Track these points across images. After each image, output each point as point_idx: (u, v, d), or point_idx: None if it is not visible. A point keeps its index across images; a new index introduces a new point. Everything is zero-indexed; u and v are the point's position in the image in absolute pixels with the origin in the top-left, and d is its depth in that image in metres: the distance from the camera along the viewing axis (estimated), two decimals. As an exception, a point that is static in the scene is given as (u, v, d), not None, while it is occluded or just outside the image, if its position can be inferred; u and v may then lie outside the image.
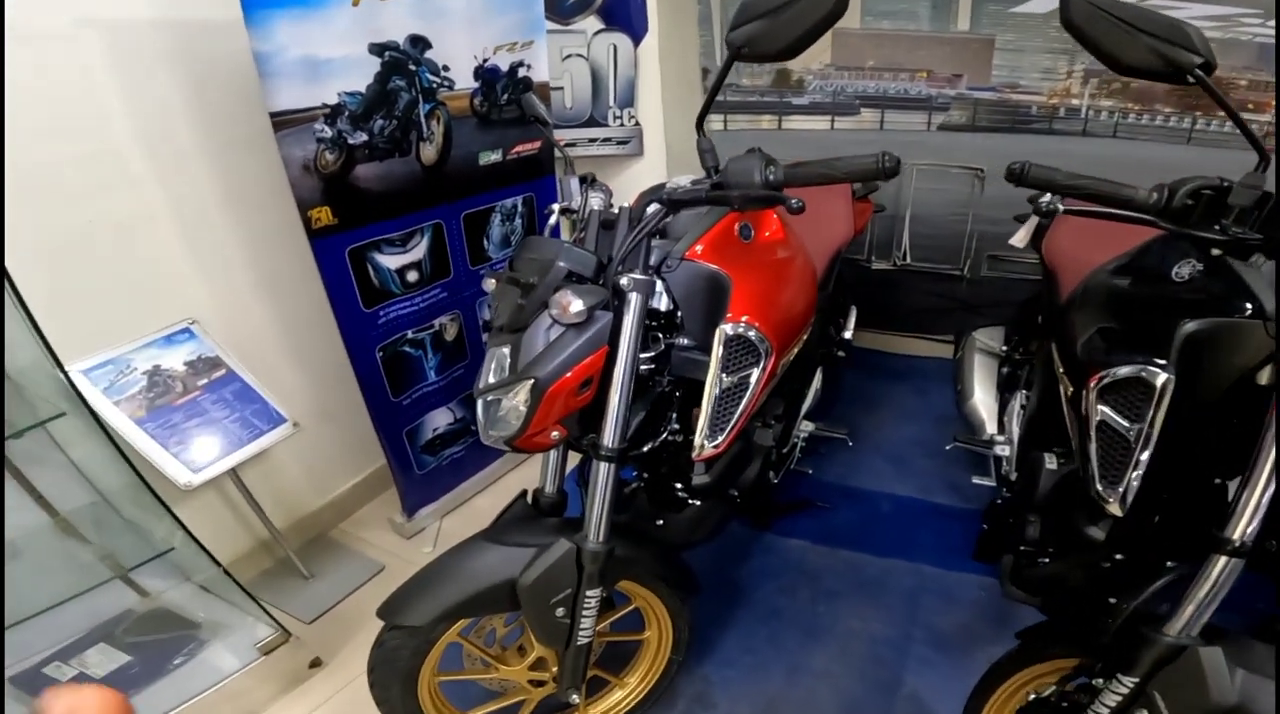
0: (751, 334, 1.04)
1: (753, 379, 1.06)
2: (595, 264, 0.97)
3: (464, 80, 1.75)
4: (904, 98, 2.32)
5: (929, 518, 1.90)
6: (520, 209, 2.06)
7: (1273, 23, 1.81)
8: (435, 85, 1.69)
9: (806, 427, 1.82)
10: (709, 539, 1.42)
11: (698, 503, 1.38)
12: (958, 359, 1.94)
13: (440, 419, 2.04)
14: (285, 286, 1.86)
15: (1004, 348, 1.89)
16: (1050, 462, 1.34)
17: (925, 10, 2.15)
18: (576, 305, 0.89)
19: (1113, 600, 1.18)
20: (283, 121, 1.42)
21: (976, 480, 1.70)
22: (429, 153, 1.74)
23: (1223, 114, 0.80)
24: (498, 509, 1.26)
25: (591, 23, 2.25)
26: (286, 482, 1.99)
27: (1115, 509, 0.89)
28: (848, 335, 2.07)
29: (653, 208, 0.97)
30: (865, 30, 2.24)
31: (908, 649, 1.52)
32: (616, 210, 1.15)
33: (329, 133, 1.51)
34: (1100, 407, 0.89)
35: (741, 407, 1.07)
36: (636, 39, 2.28)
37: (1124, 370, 0.86)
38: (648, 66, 2.33)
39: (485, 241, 1.99)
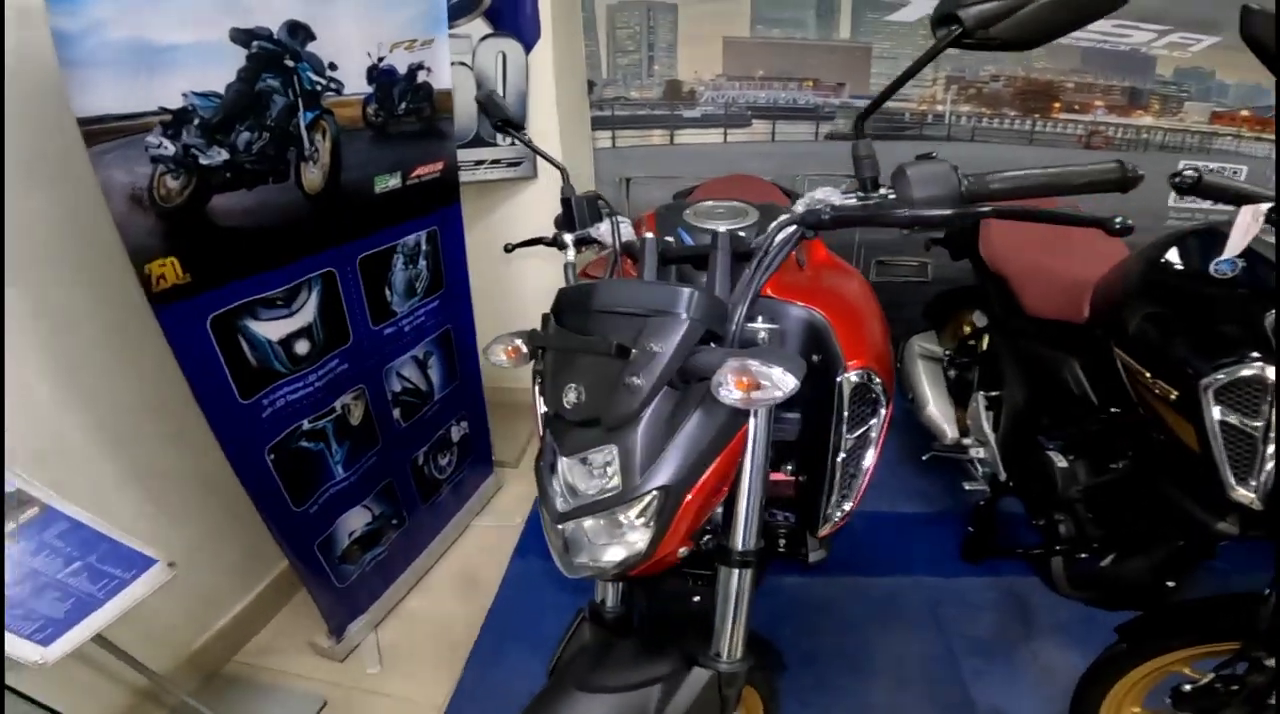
0: (876, 382, 0.87)
1: (873, 432, 0.89)
2: (724, 313, 0.72)
3: (354, 83, 1.35)
4: (793, 107, 2.36)
5: (915, 528, 1.90)
6: (425, 247, 1.66)
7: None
8: (319, 88, 1.27)
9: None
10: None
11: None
12: (900, 368, 1.98)
13: (356, 520, 1.55)
14: (118, 368, 1.27)
15: (946, 352, 1.97)
16: (1060, 460, 1.37)
17: (811, 18, 2.20)
18: (787, 381, 0.62)
19: (1170, 584, 1.23)
20: (100, 131, 0.92)
21: (968, 486, 1.73)
22: (313, 177, 1.30)
23: (1058, 117, 0.82)
24: (435, 611, 1.00)
25: (478, 26, 1.93)
26: (158, 612, 1.36)
27: (1256, 504, 0.88)
28: None
29: (786, 233, 0.75)
30: (755, 39, 2.23)
31: (958, 664, 1.47)
32: (648, 237, 0.89)
33: (171, 149, 1.03)
34: (1217, 407, 0.89)
35: (866, 465, 0.90)
36: (528, 46, 2.01)
37: (1245, 371, 0.86)
38: (540, 77, 2.07)
39: (388, 292, 1.57)
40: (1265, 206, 0.78)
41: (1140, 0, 2.06)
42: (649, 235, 0.86)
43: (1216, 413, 0.89)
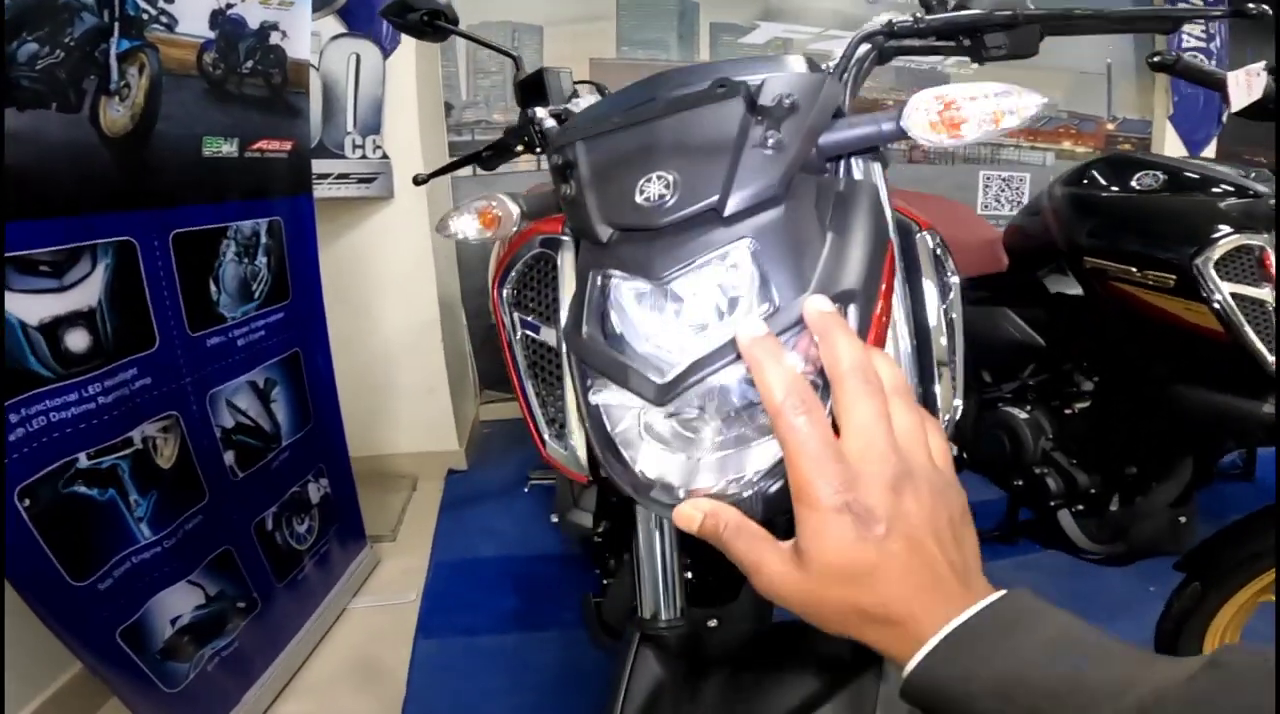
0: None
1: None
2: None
3: (192, 24, 1.07)
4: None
5: None
6: (266, 241, 1.31)
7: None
8: (146, 16, 0.97)
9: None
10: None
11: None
12: None
13: (180, 602, 1.05)
14: None
15: None
16: (1019, 412, 1.34)
17: (674, 40, 2.29)
18: (1030, 101, 0.44)
19: (1181, 520, 1.19)
20: None
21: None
22: (117, 116, 0.96)
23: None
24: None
25: (329, 24, 1.71)
26: None
27: None
28: None
29: (865, 48, 0.62)
30: (622, 59, 2.27)
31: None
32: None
33: None
34: (1224, 283, 0.89)
35: None
36: (386, 50, 1.82)
37: (1236, 242, 0.87)
38: (400, 85, 1.87)
39: (214, 287, 1.18)
40: (1258, 65, 0.84)
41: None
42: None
43: (1226, 286, 0.89)
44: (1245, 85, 0.83)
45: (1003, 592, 0.29)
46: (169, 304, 1.08)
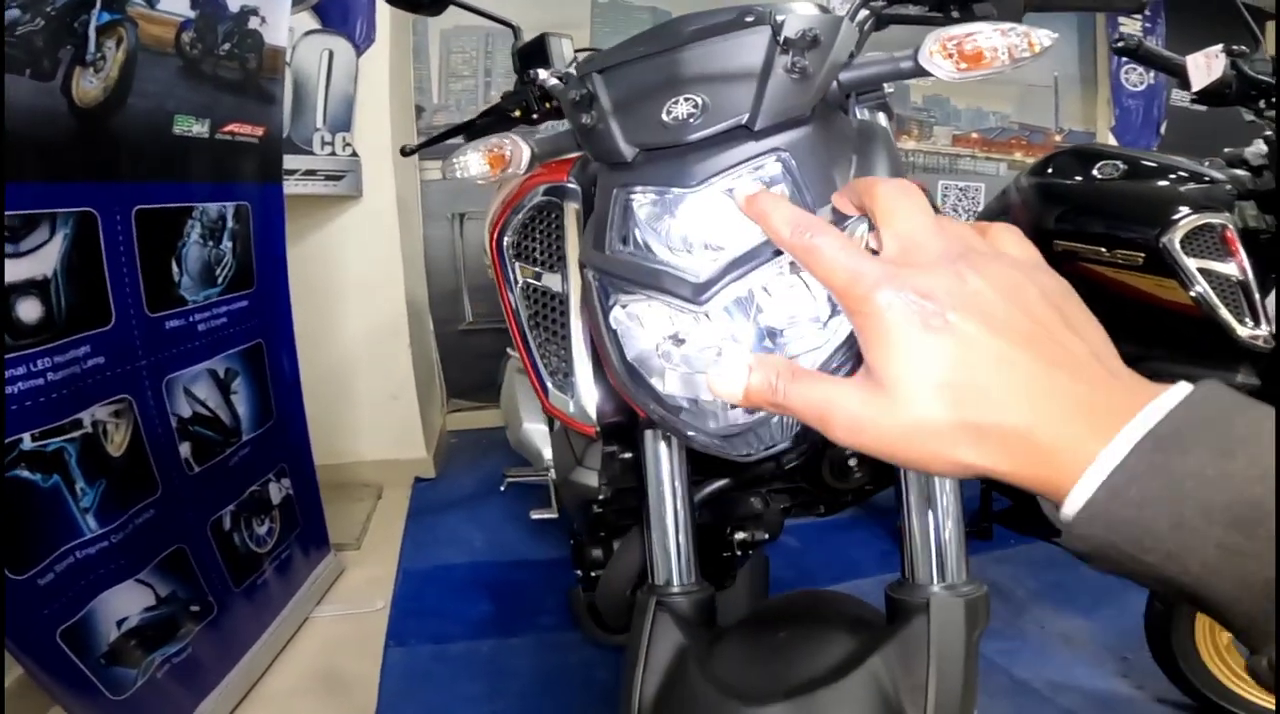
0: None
1: None
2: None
3: (174, 2, 1.06)
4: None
5: (846, 533, 1.78)
6: (233, 225, 1.25)
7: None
8: None
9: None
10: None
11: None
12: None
13: (128, 602, 0.97)
14: None
15: None
16: None
17: None
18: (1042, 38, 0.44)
19: None
20: None
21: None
22: (90, 87, 0.93)
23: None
24: None
25: (303, 20, 1.68)
26: None
27: (1267, 341, 0.92)
28: None
29: (864, 14, 0.63)
30: None
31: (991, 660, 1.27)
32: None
33: None
34: (1190, 260, 0.94)
35: None
36: (359, 48, 1.80)
37: (1199, 220, 0.94)
38: (373, 83, 1.85)
39: (175, 268, 1.12)
40: (1215, 48, 0.91)
41: (893, 30, 2.54)
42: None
43: (1192, 262, 0.95)
44: (1205, 67, 0.91)
45: (1183, 384, 0.21)
46: (128, 281, 1.01)
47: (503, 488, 1.52)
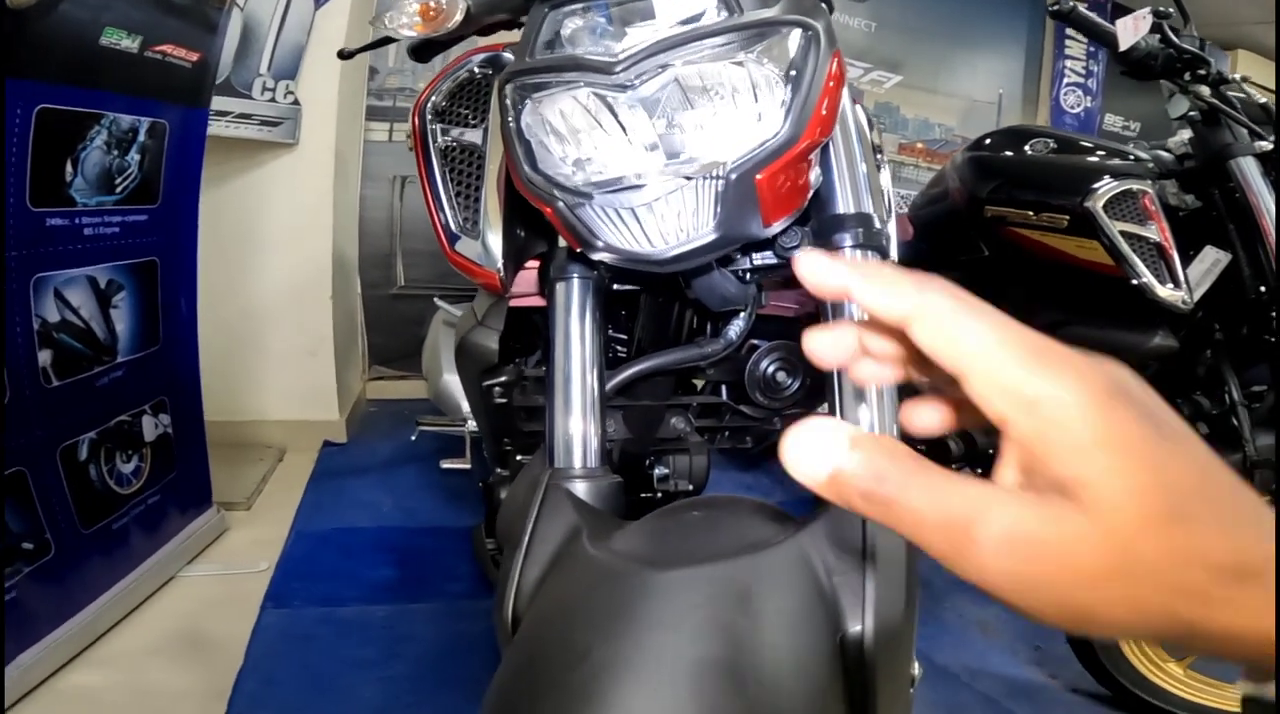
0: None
1: None
2: None
3: None
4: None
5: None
6: (144, 139, 1.17)
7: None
8: None
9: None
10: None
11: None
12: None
13: None
14: None
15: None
16: None
17: None
18: None
19: None
20: None
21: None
22: None
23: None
24: (131, 687, 0.85)
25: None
26: None
27: (1185, 303, 0.97)
28: None
29: None
30: None
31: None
32: None
33: None
34: (1113, 223, 0.99)
35: None
36: (318, 1, 1.74)
37: (1121, 187, 1.00)
38: (328, 39, 1.79)
39: (70, 168, 1.04)
40: (1143, 10, 0.96)
41: (847, 37, 2.57)
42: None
43: (1115, 225, 1.00)
44: (1132, 28, 0.96)
45: None
46: (14, 170, 0.93)
47: (414, 437, 1.44)
